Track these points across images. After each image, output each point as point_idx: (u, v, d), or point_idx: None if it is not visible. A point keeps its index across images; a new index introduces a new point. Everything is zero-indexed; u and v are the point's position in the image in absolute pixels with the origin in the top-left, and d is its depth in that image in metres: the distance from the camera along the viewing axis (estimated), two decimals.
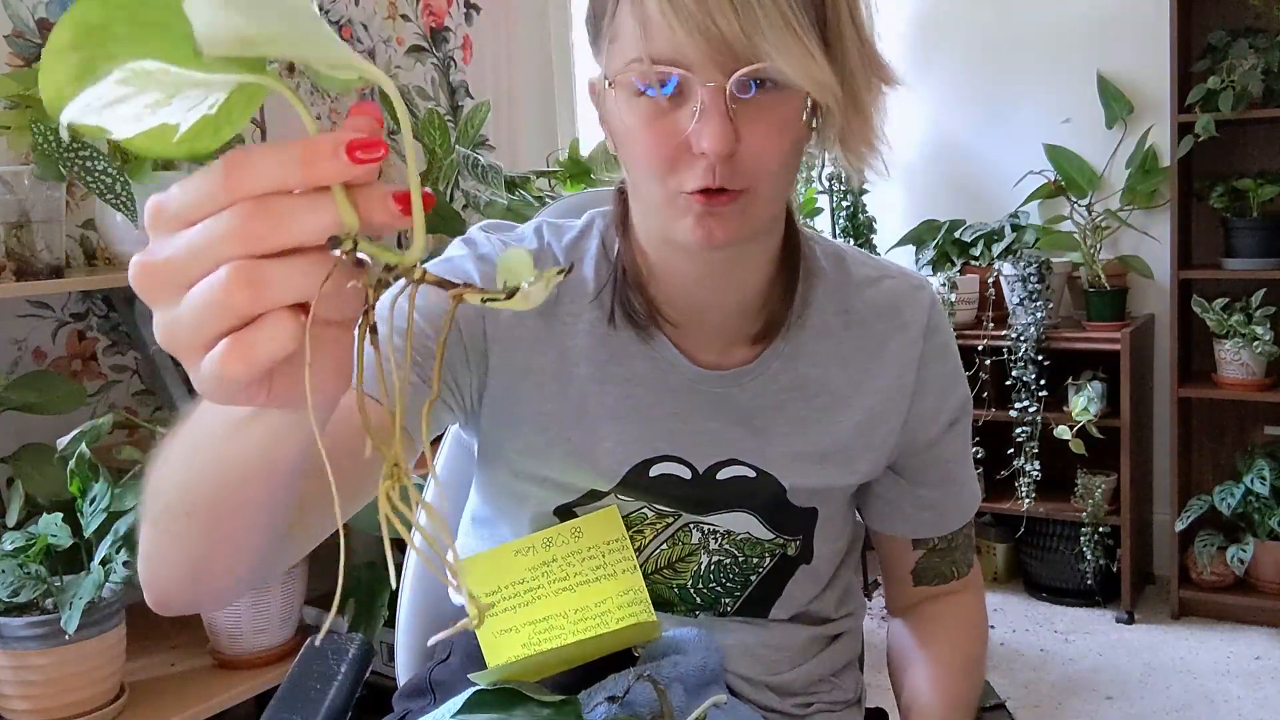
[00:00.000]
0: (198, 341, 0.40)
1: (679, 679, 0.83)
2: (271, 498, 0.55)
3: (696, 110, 0.72)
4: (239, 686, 1.73)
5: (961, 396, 0.94)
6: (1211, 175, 2.80)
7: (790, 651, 0.95)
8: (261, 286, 0.39)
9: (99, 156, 1.58)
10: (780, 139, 0.75)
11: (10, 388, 1.65)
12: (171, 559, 0.60)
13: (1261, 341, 2.59)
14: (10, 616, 1.51)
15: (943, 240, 3.01)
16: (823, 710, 0.96)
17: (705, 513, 0.90)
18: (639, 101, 0.75)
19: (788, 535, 0.92)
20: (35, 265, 1.61)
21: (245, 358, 0.40)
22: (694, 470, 0.88)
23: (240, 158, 0.38)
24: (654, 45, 0.72)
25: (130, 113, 0.37)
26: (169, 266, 0.40)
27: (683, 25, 0.70)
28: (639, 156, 0.76)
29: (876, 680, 2.15)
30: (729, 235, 0.76)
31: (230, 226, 0.38)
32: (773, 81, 0.73)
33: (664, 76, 0.73)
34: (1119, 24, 2.97)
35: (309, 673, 1.00)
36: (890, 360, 0.90)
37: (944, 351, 0.93)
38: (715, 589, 0.93)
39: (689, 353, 0.88)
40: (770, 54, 0.70)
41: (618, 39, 0.75)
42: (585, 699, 0.80)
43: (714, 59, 0.71)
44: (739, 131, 0.73)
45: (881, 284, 0.92)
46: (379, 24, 2.53)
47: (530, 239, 0.90)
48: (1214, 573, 2.73)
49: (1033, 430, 2.82)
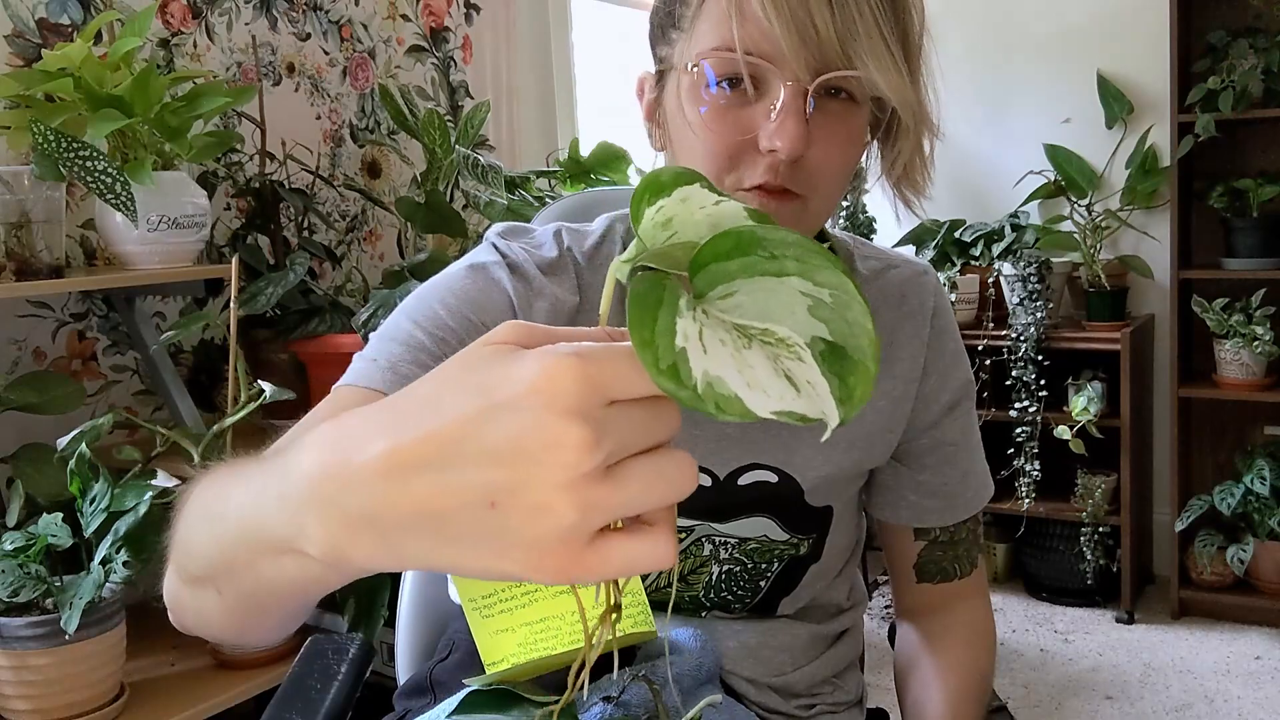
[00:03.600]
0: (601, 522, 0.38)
1: (675, 679, 0.83)
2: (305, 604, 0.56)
3: (775, 107, 0.71)
4: (239, 686, 1.73)
5: (963, 379, 0.94)
6: (1211, 175, 2.80)
7: (793, 652, 0.95)
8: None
9: (99, 156, 1.58)
10: (846, 150, 0.75)
11: (10, 388, 1.65)
12: (211, 621, 0.59)
13: (1261, 341, 2.59)
14: (10, 616, 1.51)
15: (943, 240, 3.01)
16: (825, 711, 0.96)
17: (724, 520, 0.89)
18: (711, 93, 0.73)
19: (802, 535, 0.91)
20: (35, 265, 1.61)
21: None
22: (715, 478, 0.87)
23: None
24: (745, 34, 0.71)
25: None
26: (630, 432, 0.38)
27: (780, 19, 0.69)
28: (702, 149, 0.75)
29: (877, 680, 2.15)
30: None
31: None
32: (848, 93, 0.73)
33: (752, 68, 0.71)
34: (1119, 24, 2.97)
35: (309, 672, 1.00)
36: (904, 345, 0.90)
37: (946, 333, 0.93)
38: (726, 596, 0.93)
39: None
40: (864, 61, 0.69)
41: (701, 27, 0.74)
42: (580, 699, 0.80)
43: (804, 58, 0.70)
44: (811, 135, 0.72)
45: (888, 274, 0.92)
46: (379, 24, 2.53)
47: (550, 244, 0.87)
48: (1214, 573, 2.73)
49: (1033, 430, 2.82)
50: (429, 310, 0.80)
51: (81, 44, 1.62)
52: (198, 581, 0.56)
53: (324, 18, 2.39)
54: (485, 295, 0.81)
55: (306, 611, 0.59)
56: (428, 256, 2.06)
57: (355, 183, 2.45)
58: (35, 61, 1.81)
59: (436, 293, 0.82)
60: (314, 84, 2.37)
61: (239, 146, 2.13)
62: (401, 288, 1.95)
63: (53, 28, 1.88)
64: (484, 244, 0.87)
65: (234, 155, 2.16)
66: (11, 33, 1.82)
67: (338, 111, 2.43)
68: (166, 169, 1.75)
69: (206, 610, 0.58)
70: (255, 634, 0.59)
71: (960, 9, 3.17)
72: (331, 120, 2.41)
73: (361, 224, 2.50)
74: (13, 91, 1.65)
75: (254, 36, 2.22)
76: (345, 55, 2.45)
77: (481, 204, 2.14)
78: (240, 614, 0.55)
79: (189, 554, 0.56)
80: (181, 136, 1.73)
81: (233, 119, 2.16)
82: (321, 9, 2.38)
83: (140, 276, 1.72)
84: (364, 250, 2.51)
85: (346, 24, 2.44)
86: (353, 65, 2.46)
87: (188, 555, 0.56)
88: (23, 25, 1.84)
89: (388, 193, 2.54)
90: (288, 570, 0.45)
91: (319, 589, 0.48)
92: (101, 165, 1.58)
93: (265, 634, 0.60)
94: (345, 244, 2.46)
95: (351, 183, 2.44)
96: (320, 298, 2.07)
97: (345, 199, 2.45)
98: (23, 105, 1.68)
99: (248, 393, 1.58)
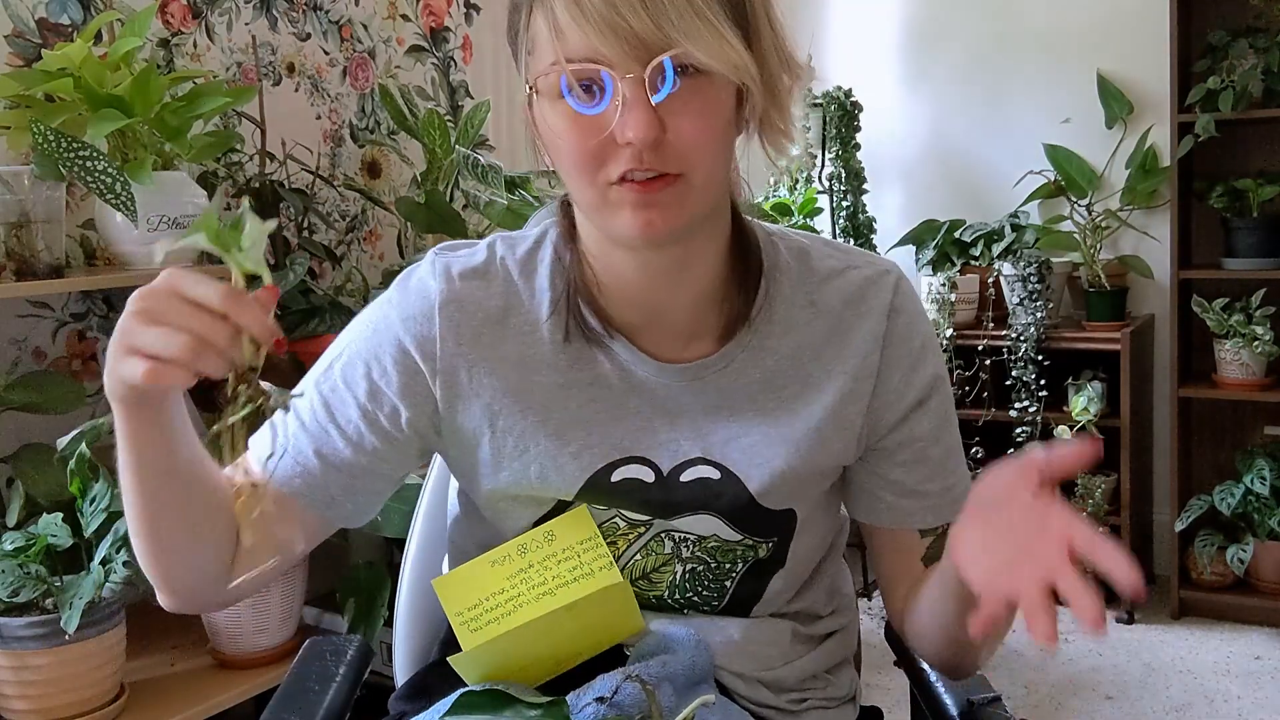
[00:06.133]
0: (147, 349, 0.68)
1: (668, 678, 0.83)
2: (180, 498, 0.80)
3: (619, 104, 0.74)
4: (239, 686, 1.73)
5: (930, 375, 0.92)
6: (1211, 175, 2.80)
7: (781, 647, 0.94)
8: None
9: (99, 156, 1.58)
10: (705, 122, 0.77)
11: (10, 388, 1.65)
12: (146, 565, 0.84)
13: (1261, 341, 2.59)
14: (10, 616, 1.51)
15: (943, 240, 3.01)
16: (817, 707, 0.96)
17: (672, 516, 0.89)
18: (562, 104, 0.77)
19: (758, 538, 0.90)
20: (35, 265, 1.61)
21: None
22: (658, 472, 0.88)
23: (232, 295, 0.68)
24: (569, 47, 0.74)
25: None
26: (171, 311, 0.68)
27: (593, 25, 0.72)
28: (567, 157, 0.78)
29: (876, 680, 2.16)
30: (669, 222, 0.77)
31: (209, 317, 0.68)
32: (694, 69, 0.75)
33: (583, 75, 0.75)
34: (1119, 24, 2.96)
35: (308, 673, 1.01)
36: (858, 345, 0.90)
37: (910, 330, 0.91)
38: (691, 598, 0.93)
39: (650, 350, 0.88)
40: (680, 40, 0.72)
41: (534, 48, 0.78)
42: (574, 700, 0.80)
43: (629, 53, 0.73)
44: (664, 120, 0.75)
45: (847, 274, 0.92)
46: (379, 24, 2.53)
47: (482, 252, 0.91)
48: (1214, 573, 2.73)
49: (1033, 430, 2.82)
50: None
51: (81, 44, 1.62)
52: (132, 531, 0.83)
53: (324, 18, 2.39)
54: (378, 347, 0.90)
55: (193, 530, 0.82)
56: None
57: (355, 183, 2.45)
58: (35, 61, 1.81)
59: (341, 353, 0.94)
60: (314, 84, 2.37)
61: (239, 146, 2.13)
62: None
63: (53, 28, 1.88)
64: (423, 261, 0.92)
65: (234, 155, 2.16)
66: (11, 33, 1.83)
67: (338, 111, 2.43)
68: (166, 169, 1.75)
69: (142, 553, 0.83)
70: (172, 543, 0.83)
71: (960, 9, 3.17)
72: (331, 120, 2.42)
73: (361, 224, 2.51)
74: (13, 91, 1.66)
75: (254, 36, 2.22)
76: (345, 55, 2.45)
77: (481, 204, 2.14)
78: (150, 534, 0.82)
79: (127, 514, 0.82)
80: (181, 136, 1.74)
81: (233, 119, 2.16)
82: (321, 9, 2.38)
83: (140, 276, 1.73)
84: (364, 250, 2.51)
85: (346, 24, 2.45)
86: (353, 65, 2.46)
87: (128, 516, 0.82)
88: (23, 25, 1.84)
89: (388, 193, 2.54)
90: (150, 444, 0.77)
91: (136, 439, 0.76)
92: (101, 165, 1.58)
93: (178, 556, 0.84)
94: (345, 244, 2.46)
95: (351, 183, 2.44)
96: (320, 298, 2.07)
97: (345, 199, 2.45)
98: (23, 105, 1.68)
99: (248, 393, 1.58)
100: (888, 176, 3.26)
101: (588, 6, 0.72)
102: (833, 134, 3.07)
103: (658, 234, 0.77)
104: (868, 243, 3.13)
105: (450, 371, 0.87)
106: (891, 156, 3.27)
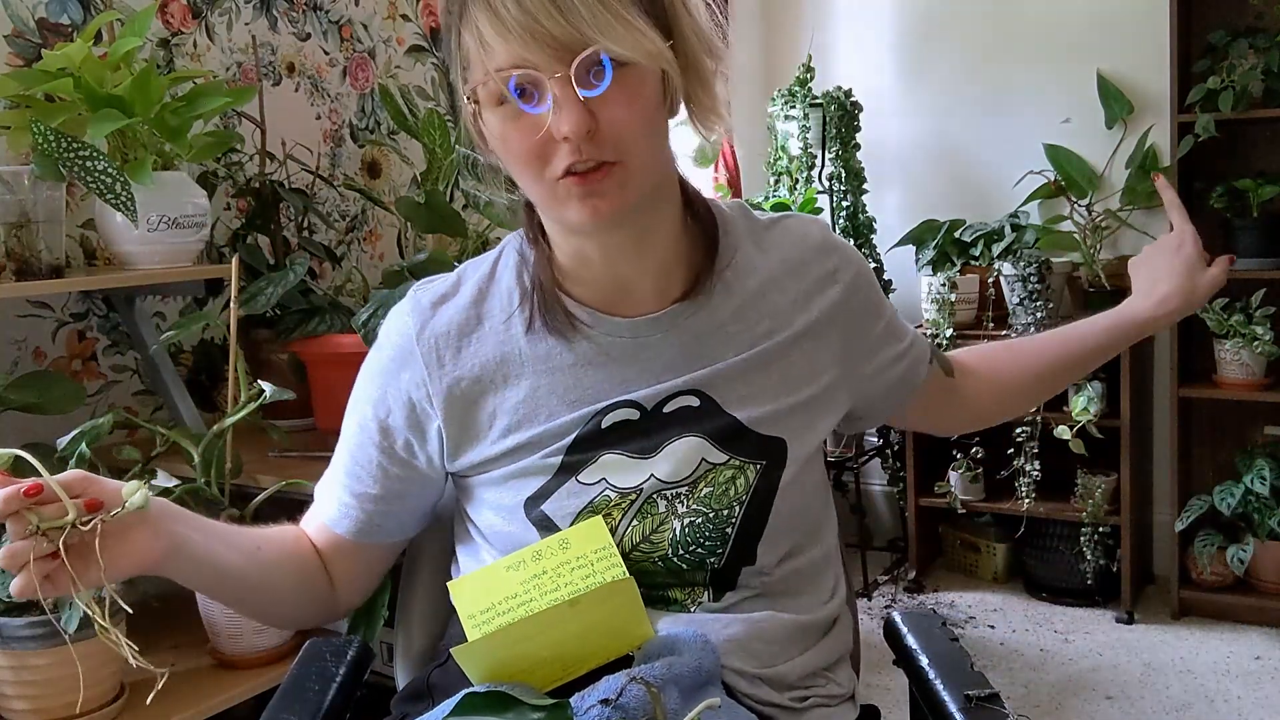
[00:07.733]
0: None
1: (674, 680, 0.83)
2: (241, 587, 0.99)
3: (550, 104, 0.80)
4: (239, 686, 1.72)
5: (853, 274, 1.02)
6: (1211, 175, 2.80)
7: (783, 643, 0.95)
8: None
9: (99, 156, 1.58)
10: (633, 109, 0.83)
11: (10, 388, 1.65)
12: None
13: (1261, 341, 2.59)
14: (10, 616, 1.51)
15: (943, 240, 3.00)
16: (819, 704, 0.96)
17: (656, 450, 0.93)
18: (501, 110, 0.84)
19: (744, 458, 0.94)
20: (35, 265, 1.61)
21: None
22: (643, 409, 0.94)
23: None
24: (495, 58, 0.81)
25: None
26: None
27: (515, 35, 0.79)
28: (515, 158, 0.85)
29: (876, 679, 2.15)
30: (613, 206, 0.84)
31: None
32: (618, 63, 0.81)
33: (514, 81, 0.81)
34: (1119, 24, 2.97)
35: (308, 673, 1.01)
36: (811, 276, 1.00)
37: (843, 260, 1.02)
38: (697, 550, 0.94)
39: (624, 313, 0.95)
40: (596, 38, 0.79)
41: (469, 63, 0.86)
42: (578, 702, 0.80)
43: (553, 55, 0.80)
44: (596, 113, 0.81)
45: (782, 222, 1.02)
46: (379, 24, 2.53)
47: (451, 277, 1.01)
48: (1214, 573, 2.73)
49: (1033, 430, 2.82)
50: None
51: (81, 44, 1.62)
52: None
53: (324, 18, 2.39)
54: (382, 391, 1.00)
55: (262, 608, 1.06)
56: (427, 256, 2.06)
57: (355, 183, 2.45)
58: (35, 61, 1.81)
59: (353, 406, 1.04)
60: (314, 84, 2.37)
61: (239, 146, 2.13)
62: (401, 287, 1.94)
63: (53, 28, 1.88)
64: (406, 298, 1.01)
65: (234, 155, 2.16)
66: (11, 33, 1.83)
67: (338, 111, 2.43)
68: (166, 169, 1.75)
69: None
70: (262, 611, 1.10)
71: (960, 9, 3.17)
72: (331, 120, 2.42)
73: (361, 224, 2.51)
74: (13, 91, 1.65)
75: (254, 36, 2.22)
76: (345, 55, 2.45)
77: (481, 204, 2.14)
78: (229, 605, 1.12)
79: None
80: (181, 136, 1.73)
81: (233, 119, 2.16)
82: (321, 9, 2.38)
83: (140, 276, 1.72)
84: (364, 250, 2.51)
85: (346, 24, 2.45)
86: (353, 65, 2.46)
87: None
88: (23, 25, 1.84)
89: (388, 193, 2.54)
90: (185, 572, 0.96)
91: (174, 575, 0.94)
92: (101, 165, 1.58)
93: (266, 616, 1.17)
94: (345, 244, 2.46)
95: (351, 183, 2.44)
96: (320, 298, 2.07)
97: (345, 199, 2.45)
98: (23, 105, 1.68)
99: (248, 393, 1.58)
100: (888, 176, 3.26)
101: (508, 19, 0.79)
102: (833, 134, 3.07)
103: (605, 219, 0.85)
104: (868, 243, 3.13)
105: (445, 391, 0.96)
106: (891, 156, 3.27)
